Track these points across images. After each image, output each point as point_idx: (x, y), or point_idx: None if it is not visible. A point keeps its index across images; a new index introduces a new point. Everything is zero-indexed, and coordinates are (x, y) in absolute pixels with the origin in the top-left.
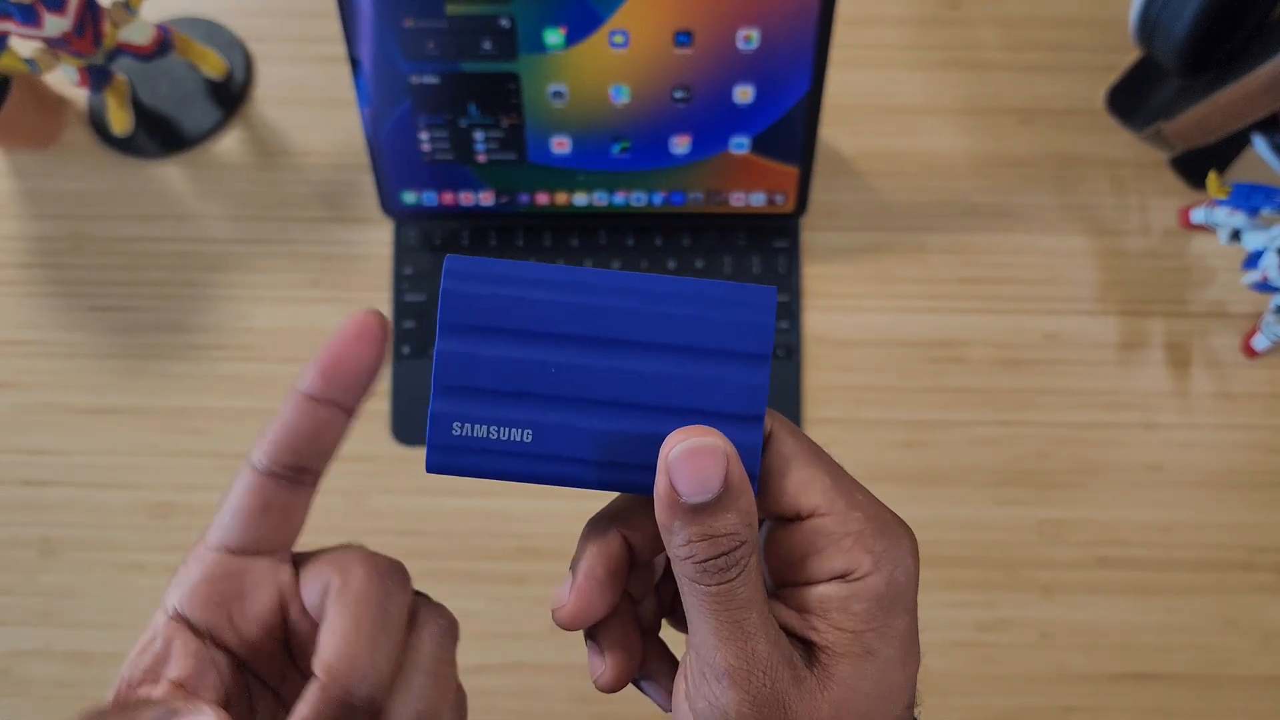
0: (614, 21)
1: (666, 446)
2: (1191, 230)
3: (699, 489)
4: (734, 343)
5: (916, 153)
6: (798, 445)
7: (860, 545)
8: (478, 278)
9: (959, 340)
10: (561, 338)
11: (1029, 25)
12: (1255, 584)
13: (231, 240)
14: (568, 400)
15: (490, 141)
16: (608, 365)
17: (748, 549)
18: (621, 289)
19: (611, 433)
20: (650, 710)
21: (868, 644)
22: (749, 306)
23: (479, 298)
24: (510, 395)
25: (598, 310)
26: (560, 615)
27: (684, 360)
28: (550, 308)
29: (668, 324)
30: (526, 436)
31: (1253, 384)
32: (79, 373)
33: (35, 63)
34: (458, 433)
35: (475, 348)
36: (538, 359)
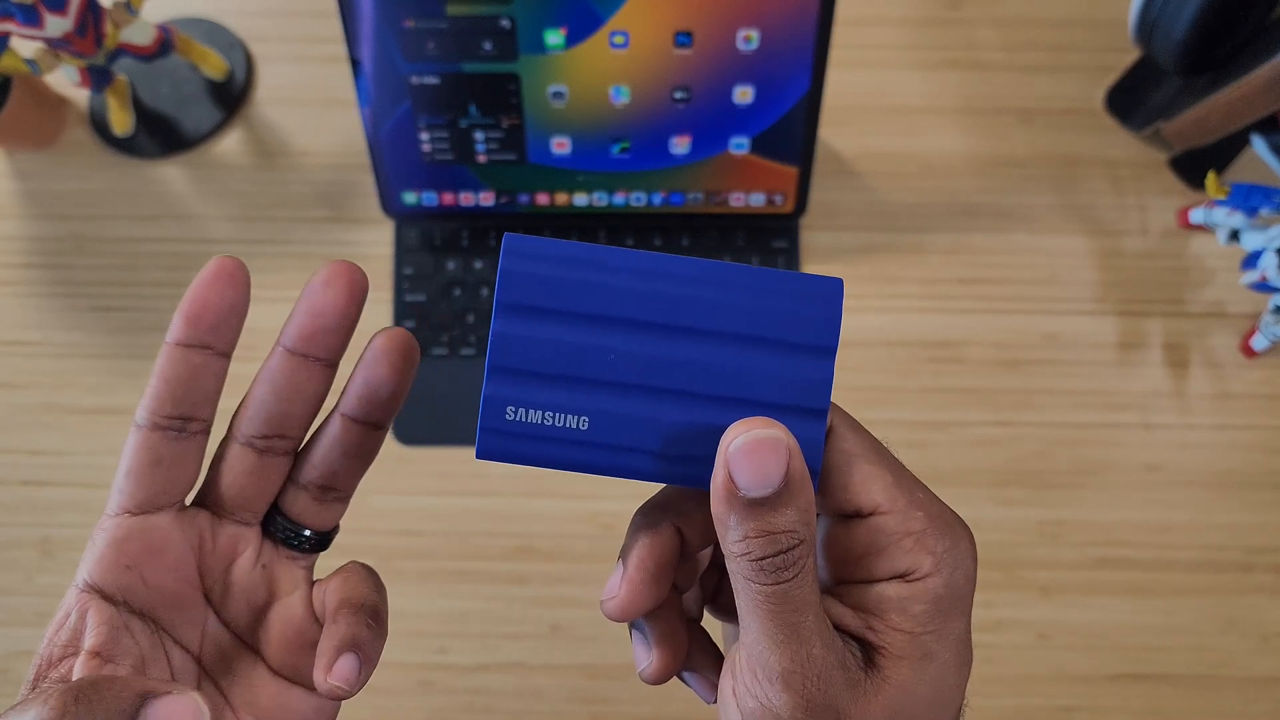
0: (614, 22)
1: (727, 438)
2: (1190, 230)
3: (759, 483)
4: (800, 334)
5: (916, 153)
6: (860, 441)
7: (921, 546)
8: (537, 258)
9: (958, 340)
10: (622, 322)
11: (1028, 25)
12: (1254, 584)
13: (232, 240)
14: (626, 387)
15: (490, 142)
16: (668, 353)
17: (806, 548)
18: (686, 275)
19: (670, 423)
20: (650, 711)
21: (925, 647)
22: (817, 298)
23: (538, 278)
24: (567, 380)
25: (660, 296)
26: (610, 607)
27: (748, 350)
28: (611, 291)
29: (732, 313)
30: (582, 424)
31: (1251, 384)
32: (79, 373)
33: (36, 63)
34: (511, 417)
35: (532, 330)
36: (596, 344)
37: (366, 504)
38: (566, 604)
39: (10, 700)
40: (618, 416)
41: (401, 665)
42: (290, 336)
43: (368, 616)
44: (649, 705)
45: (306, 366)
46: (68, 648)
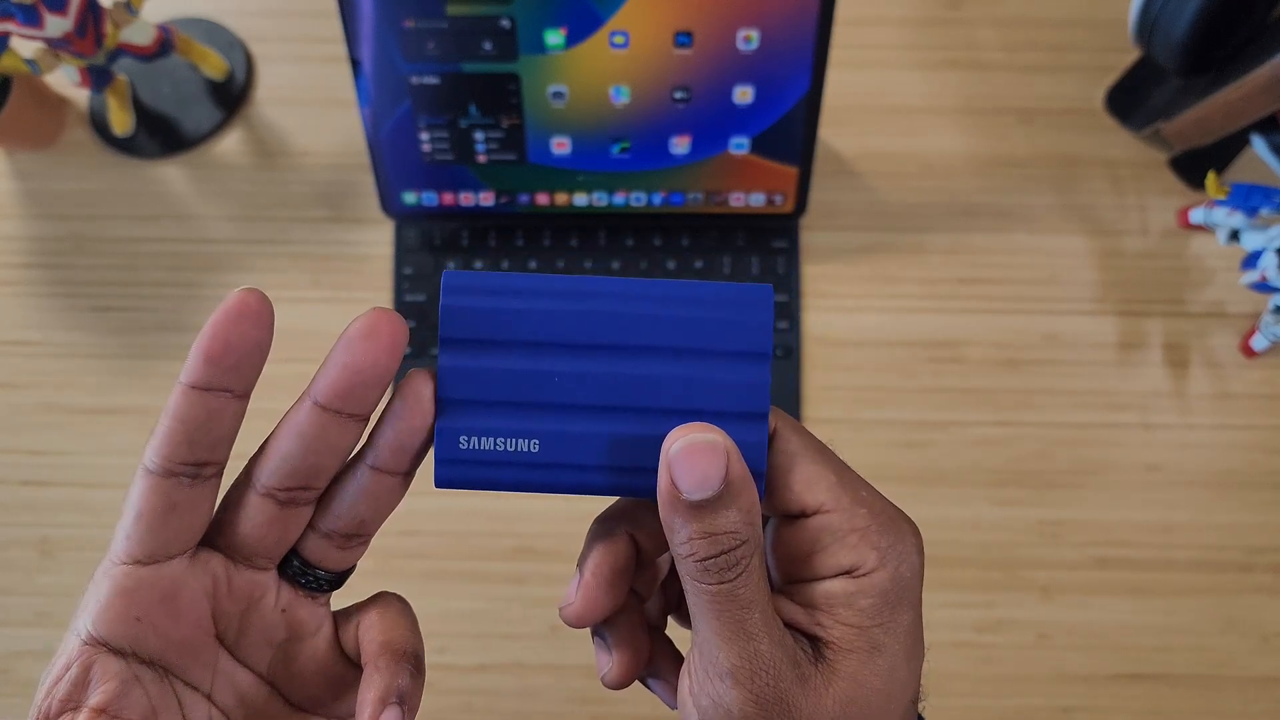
0: (614, 22)
1: (667, 444)
2: (1190, 230)
3: (699, 485)
4: (734, 343)
5: (916, 153)
6: (802, 442)
7: (866, 541)
8: (476, 291)
9: (958, 340)
10: (562, 346)
11: (1028, 26)
12: (1254, 584)
13: (232, 240)
14: (572, 408)
15: (490, 142)
16: (610, 371)
17: (749, 548)
18: (619, 294)
19: (617, 437)
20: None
21: (874, 639)
22: (746, 306)
23: (478, 311)
24: (515, 406)
25: (597, 317)
26: (567, 613)
27: (686, 362)
28: (549, 317)
29: (667, 327)
30: (533, 446)
31: (1251, 384)
32: (79, 373)
33: (36, 63)
34: (464, 446)
35: (477, 361)
36: (540, 369)
37: None
38: None
39: (9, 700)
40: (566, 436)
41: None
42: (323, 392)
43: (410, 664)
44: (648, 706)
45: (339, 422)
46: (67, 702)
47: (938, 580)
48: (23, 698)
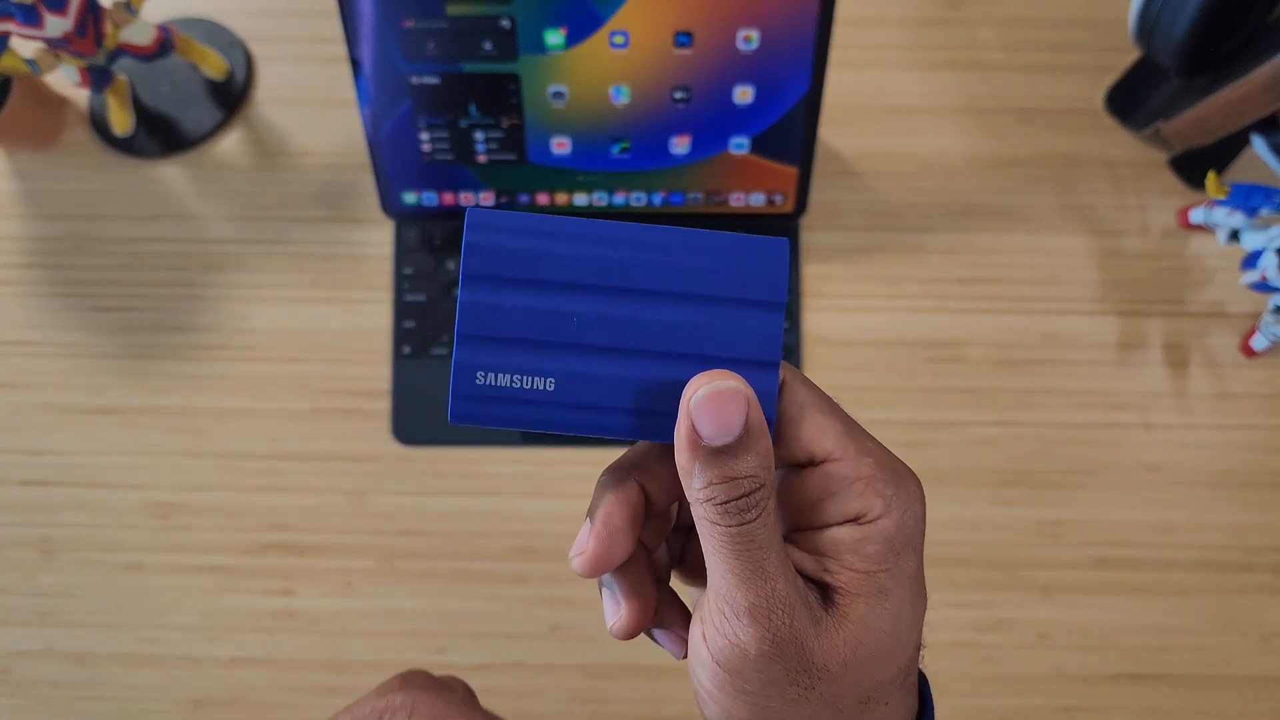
0: (614, 22)
1: (689, 391)
2: (1190, 230)
3: (721, 431)
4: (750, 291)
5: (916, 153)
6: (810, 393)
7: (872, 489)
8: (500, 230)
9: (958, 340)
10: (582, 288)
11: (1028, 26)
12: (1254, 584)
13: (232, 240)
14: (589, 349)
15: (490, 142)
16: (627, 314)
17: (766, 491)
18: (640, 241)
19: (632, 380)
20: (649, 711)
21: (881, 584)
22: (763, 256)
23: (501, 250)
24: (533, 344)
25: (617, 262)
26: (580, 561)
27: (702, 309)
28: (571, 260)
29: (686, 274)
30: (549, 385)
31: (1251, 384)
32: (79, 373)
33: (36, 63)
34: (481, 381)
35: (497, 298)
36: (559, 309)
37: (366, 504)
38: (566, 604)
39: (10, 700)
40: (582, 377)
41: (402, 665)
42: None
43: None
44: (648, 705)
45: None
46: None
47: (938, 580)
48: (23, 698)
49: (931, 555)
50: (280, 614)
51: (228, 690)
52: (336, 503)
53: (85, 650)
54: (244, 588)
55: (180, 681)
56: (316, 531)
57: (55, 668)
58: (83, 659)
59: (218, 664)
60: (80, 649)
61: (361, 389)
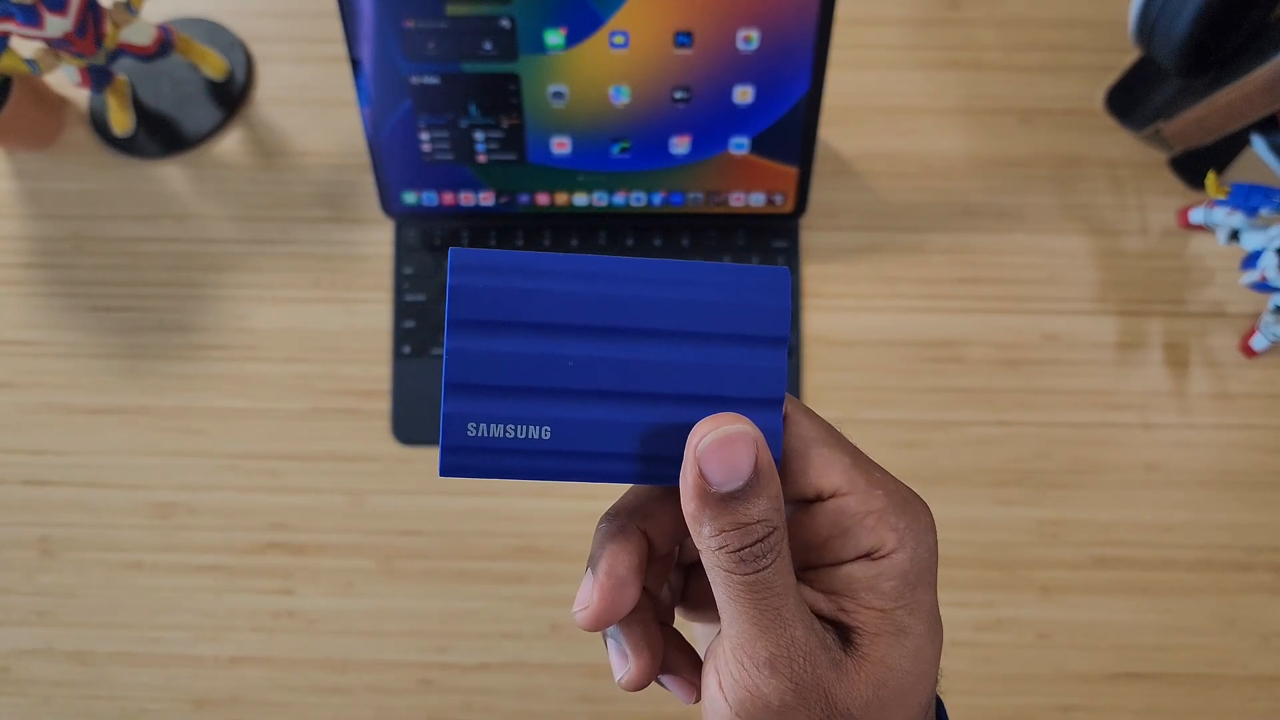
0: (614, 22)
1: (695, 436)
2: (1190, 230)
3: (730, 477)
4: (751, 327)
5: (916, 153)
6: (814, 426)
7: (884, 523)
8: (486, 270)
9: (958, 340)
10: (575, 329)
11: (1028, 26)
12: (1253, 584)
13: (232, 240)
14: (585, 394)
15: (490, 142)
16: (624, 356)
17: (779, 535)
18: (634, 277)
19: (632, 424)
20: (649, 710)
21: (900, 621)
22: (764, 289)
23: (488, 291)
24: (525, 391)
25: (611, 300)
26: (584, 616)
27: (701, 347)
28: (562, 298)
29: (683, 311)
30: (545, 434)
31: (1251, 384)
32: (79, 373)
33: (36, 63)
34: (473, 433)
35: (486, 344)
36: (552, 352)
37: (367, 504)
38: (566, 603)
39: (10, 699)
40: (579, 423)
41: (402, 664)
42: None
43: None
44: (648, 705)
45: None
46: None
47: (938, 579)
48: (23, 697)
49: None
50: (280, 613)
51: (228, 689)
52: (336, 502)
53: (85, 649)
54: (244, 587)
55: (180, 681)
56: (316, 531)
57: (55, 667)
58: (83, 658)
59: (217, 663)
60: (80, 648)
61: (361, 389)
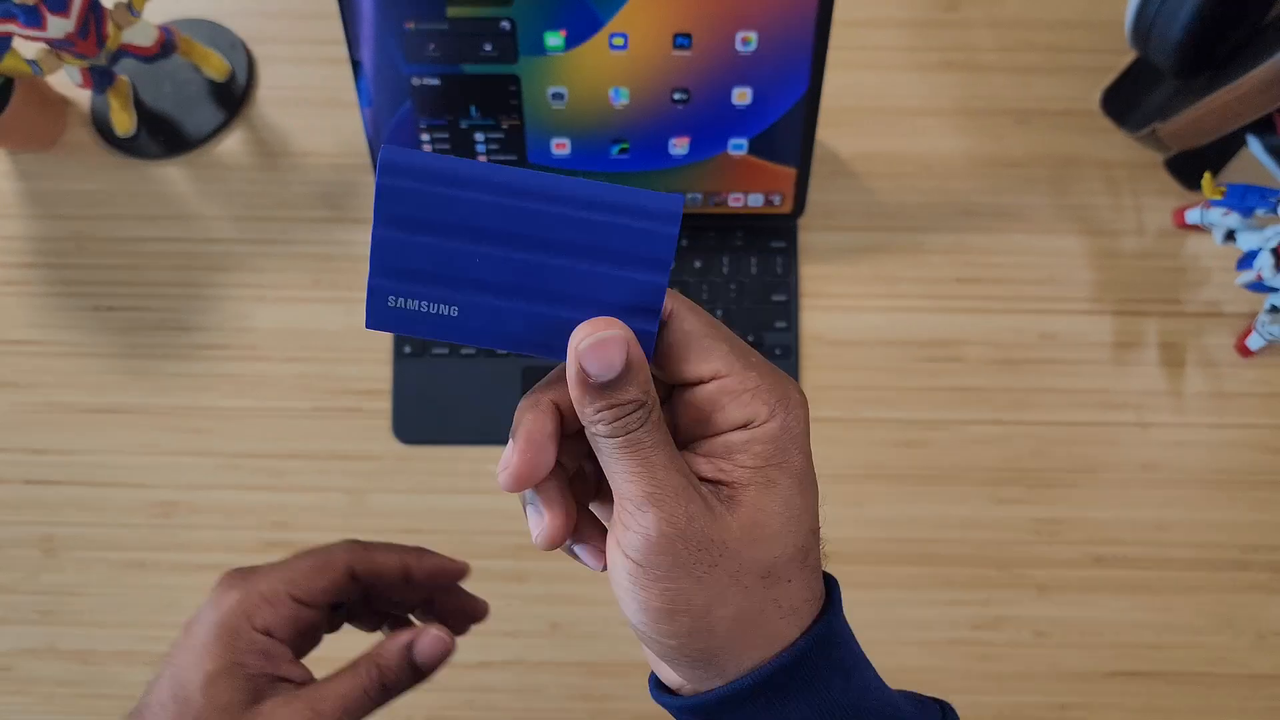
0: (614, 24)
1: (576, 338)
2: (1186, 230)
3: (604, 370)
4: (641, 247)
5: (913, 154)
6: (697, 320)
7: (758, 399)
8: (413, 173)
9: (956, 340)
10: (488, 232)
11: (1025, 27)
12: (1250, 583)
13: (233, 240)
14: (490, 285)
15: (490, 143)
16: (528, 259)
17: (648, 409)
18: (544, 193)
19: (528, 314)
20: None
21: (769, 475)
22: (656, 216)
23: (412, 192)
24: (438, 277)
25: (521, 211)
26: (506, 476)
27: (597, 258)
28: (479, 205)
29: (585, 227)
30: (453, 311)
31: (1247, 383)
32: (82, 372)
33: (38, 64)
34: (393, 304)
35: (407, 236)
36: (464, 249)
37: (367, 502)
38: (566, 602)
39: (12, 698)
40: (483, 308)
41: None
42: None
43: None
44: (648, 702)
45: None
46: None
47: (935, 578)
48: (25, 695)
49: (929, 554)
50: None
51: None
52: (337, 501)
53: (88, 648)
54: None
55: None
56: (317, 530)
57: (58, 666)
58: (85, 657)
59: None
60: (83, 647)
61: (362, 388)
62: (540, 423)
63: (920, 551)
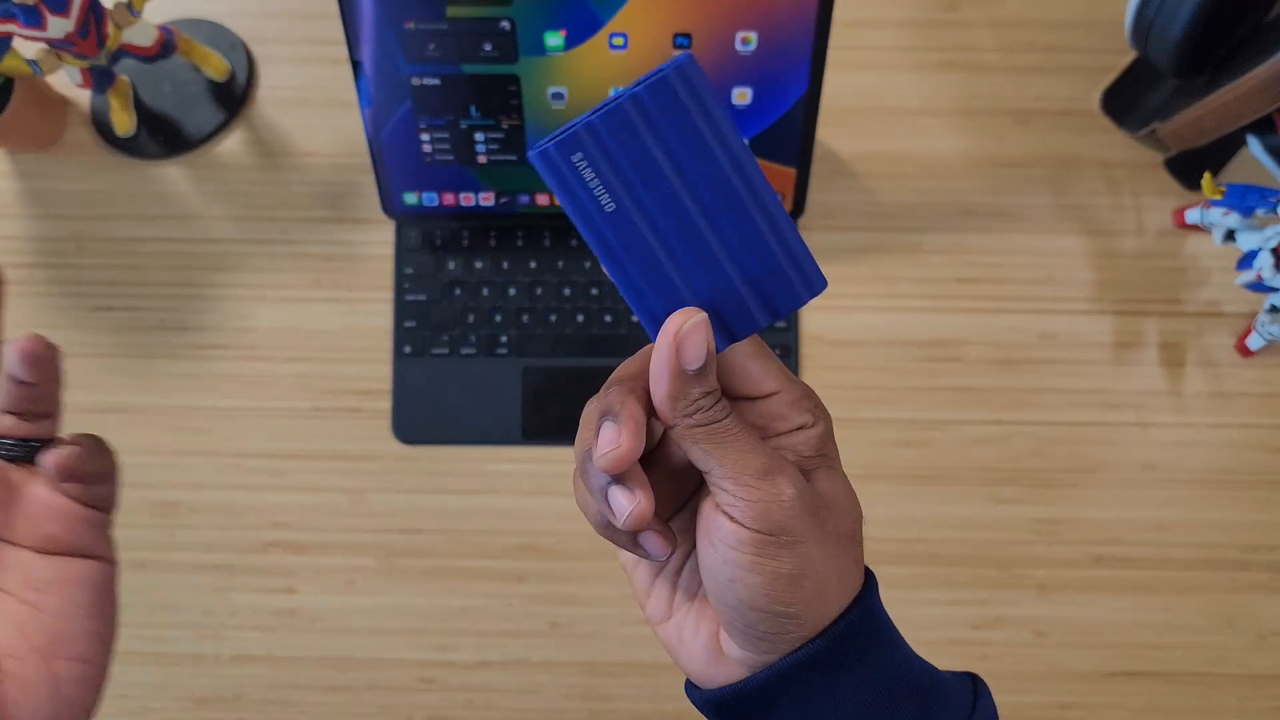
0: (614, 24)
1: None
2: (1186, 230)
3: (697, 356)
4: (773, 288)
5: (913, 154)
6: (754, 342)
7: (806, 407)
8: (678, 95)
9: (955, 340)
10: (690, 176)
11: (1025, 27)
12: (1249, 582)
13: (234, 240)
14: (653, 214)
15: (491, 143)
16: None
17: (725, 400)
18: (750, 189)
19: (650, 255)
20: (648, 709)
21: (829, 461)
22: (807, 278)
23: (664, 108)
24: (627, 175)
25: (726, 185)
26: (616, 455)
27: (739, 265)
28: (702, 152)
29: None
30: (609, 205)
31: (1247, 383)
32: (82, 372)
33: (38, 64)
34: (573, 159)
35: (638, 128)
36: (664, 173)
37: (367, 502)
38: (566, 601)
39: None
40: (631, 224)
41: (402, 663)
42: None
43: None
44: (648, 702)
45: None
46: None
47: (935, 578)
48: None
49: (928, 554)
50: (282, 612)
51: (229, 687)
52: (338, 501)
53: None
54: (246, 586)
55: (182, 679)
56: (318, 530)
57: None
58: None
59: (220, 661)
60: None
61: (362, 388)
62: (639, 407)
63: (920, 551)
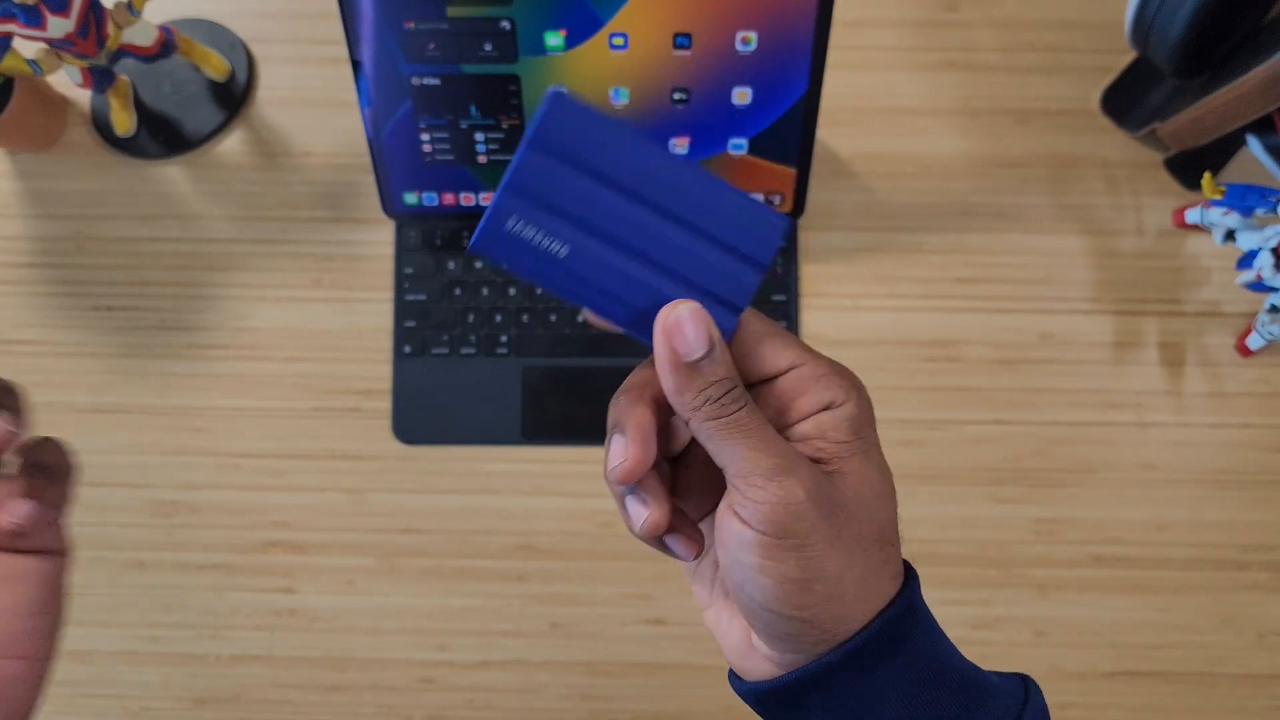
0: (614, 24)
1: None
2: (1186, 230)
3: (694, 345)
4: (745, 246)
5: (913, 154)
6: (764, 321)
7: (833, 383)
8: (573, 116)
9: (955, 340)
10: (618, 187)
11: (1025, 27)
12: (1249, 582)
13: (234, 240)
14: (604, 235)
15: (491, 143)
16: (645, 222)
17: (741, 389)
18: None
19: (627, 274)
20: (648, 708)
21: (863, 447)
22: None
23: (568, 131)
24: (563, 214)
25: (654, 180)
26: (622, 469)
27: (705, 243)
28: (618, 163)
29: (703, 211)
30: (563, 251)
31: (1246, 383)
32: (82, 372)
33: (38, 64)
34: (510, 226)
35: (549, 167)
36: (594, 195)
37: (367, 502)
38: (566, 601)
39: None
40: (590, 255)
41: (402, 663)
42: None
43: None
44: (648, 702)
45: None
46: None
47: (934, 578)
48: None
49: (928, 554)
50: (281, 612)
51: (229, 687)
52: (337, 501)
53: (87, 648)
54: (245, 585)
55: (182, 679)
56: (317, 530)
57: (58, 665)
58: (85, 657)
59: (219, 661)
60: (82, 647)
61: (362, 388)
62: (647, 417)
63: (920, 551)
